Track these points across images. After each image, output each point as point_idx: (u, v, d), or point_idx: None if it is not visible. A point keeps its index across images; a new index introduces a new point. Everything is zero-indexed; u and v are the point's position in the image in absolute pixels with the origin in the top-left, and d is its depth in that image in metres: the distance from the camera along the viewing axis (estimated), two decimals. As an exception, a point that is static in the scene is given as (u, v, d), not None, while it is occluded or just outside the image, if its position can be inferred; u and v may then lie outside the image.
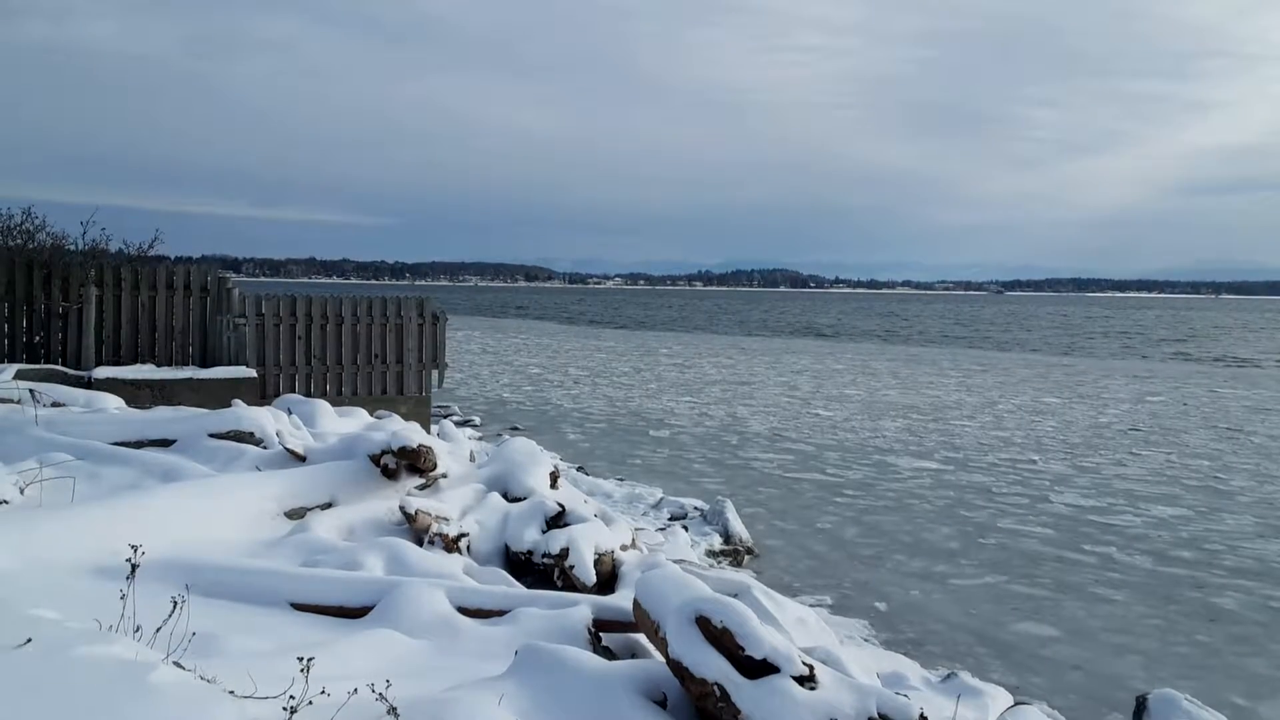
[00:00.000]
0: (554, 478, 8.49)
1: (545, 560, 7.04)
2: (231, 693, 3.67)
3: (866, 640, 8.09)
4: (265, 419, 9.12)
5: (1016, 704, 6.00)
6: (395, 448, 7.76)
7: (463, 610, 5.64)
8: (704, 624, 4.48)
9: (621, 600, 5.94)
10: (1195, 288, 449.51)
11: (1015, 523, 11.96)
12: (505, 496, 7.98)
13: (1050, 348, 50.08)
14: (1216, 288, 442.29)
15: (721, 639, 4.44)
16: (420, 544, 6.94)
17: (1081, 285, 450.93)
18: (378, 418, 11.07)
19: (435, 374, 14.01)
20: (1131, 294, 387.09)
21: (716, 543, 10.53)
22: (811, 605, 8.41)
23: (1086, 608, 8.92)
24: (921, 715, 4.49)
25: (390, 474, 7.79)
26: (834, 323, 78.48)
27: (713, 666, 4.36)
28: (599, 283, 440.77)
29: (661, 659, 4.71)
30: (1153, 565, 10.21)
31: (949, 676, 6.68)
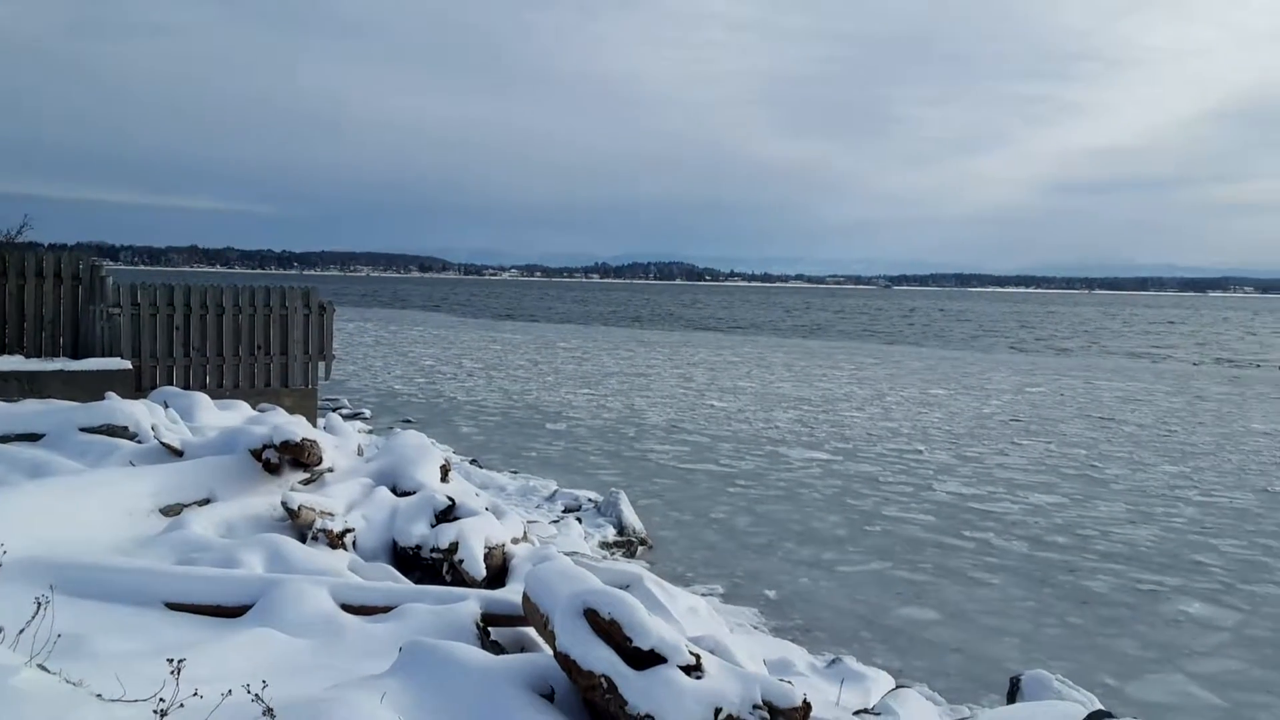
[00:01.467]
0: (445, 471, 8.37)
1: (434, 555, 6.95)
2: (99, 696, 3.52)
3: (756, 628, 8.20)
4: (140, 412, 8.78)
5: (898, 687, 6.16)
6: (278, 442, 7.55)
7: (346, 607, 5.52)
8: (592, 616, 4.47)
9: (511, 594, 5.89)
10: (1070, 283, 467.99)
11: (900, 510, 12.28)
12: (394, 491, 7.84)
13: (936, 341, 51.56)
14: (1090, 283, 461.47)
15: (610, 631, 4.43)
16: (304, 540, 6.77)
17: (964, 280, 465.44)
18: (260, 411, 10.75)
19: (322, 366, 13.68)
20: (1010, 289, 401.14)
21: (610, 534, 10.54)
22: (703, 595, 8.50)
23: (965, 592, 9.21)
24: (804, 701, 4.57)
25: (272, 469, 7.58)
26: (729, 316, 79.38)
27: (600, 658, 4.35)
28: (495, 274, 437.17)
29: (550, 652, 4.68)
30: (1029, 550, 10.59)
31: (834, 661, 6.82)
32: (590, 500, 11.70)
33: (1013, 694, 5.96)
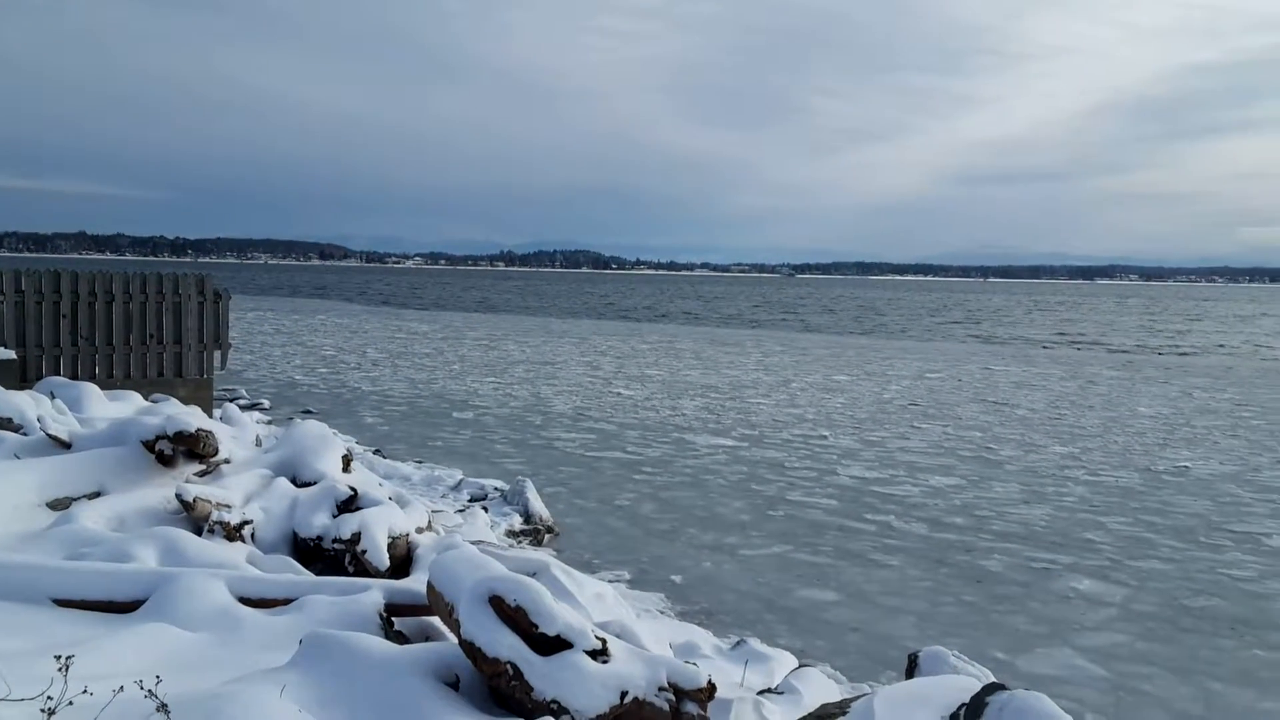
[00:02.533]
0: (346, 461, 8.23)
1: (336, 546, 6.83)
2: (-20, 696, 3.39)
3: (662, 612, 8.26)
4: (25, 404, 8.43)
5: (800, 666, 6.27)
6: (171, 432, 7.34)
7: (245, 600, 5.39)
8: (498, 603, 4.45)
9: (416, 584, 5.83)
10: (966, 271, 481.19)
11: (803, 495, 12.49)
12: (294, 482, 7.69)
13: (841, 328, 52.54)
14: (985, 271, 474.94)
15: (515, 617, 4.42)
16: (199, 533, 6.60)
17: (865, 269, 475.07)
18: (153, 401, 10.42)
19: (218, 355, 13.30)
20: (910, 277, 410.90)
21: (517, 523, 10.50)
22: (610, 581, 8.52)
23: (865, 573, 9.43)
24: (709, 682, 4.63)
25: (166, 461, 7.36)
26: (637, 304, 79.61)
27: (505, 645, 4.34)
28: (398, 262, 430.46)
29: (455, 641, 4.65)
30: (927, 531, 10.88)
31: (738, 644, 6.92)
32: (496, 489, 11.63)
33: (910, 670, 6.11)
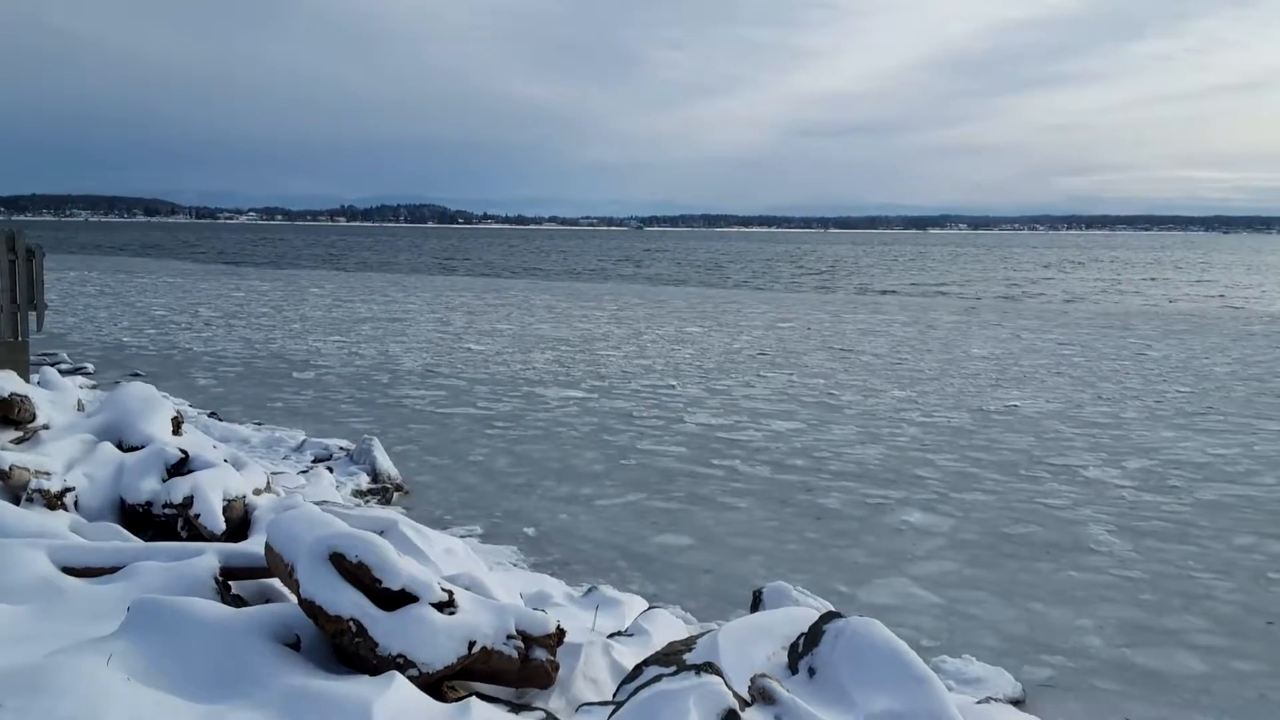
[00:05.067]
0: (177, 424, 7.88)
1: (167, 511, 6.55)
2: None
3: (516, 565, 8.27)
4: None
5: (650, 608, 6.38)
6: (-20, 398, 6.86)
7: (69, 570, 5.13)
8: (338, 560, 4.36)
9: (254, 546, 5.66)
10: (808, 223, 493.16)
11: (653, 443, 12.66)
12: (120, 446, 7.32)
13: (693, 280, 53.19)
14: (825, 222, 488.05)
15: (357, 574, 4.34)
16: (17, 502, 6.22)
17: (712, 221, 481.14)
18: (-38, 367, 9.70)
19: (33, 317, 12.46)
20: (755, 229, 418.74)
21: (364, 482, 10.30)
22: (462, 536, 8.46)
23: (715, 516, 9.65)
24: (558, 628, 4.66)
25: (-24, 428, 6.88)
26: (487, 259, 78.59)
27: (348, 602, 4.26)
28: (231, 218, 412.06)
29: (296, 601, 4.53)
30: (771, 474, 11.20)
31: (590, 590, 6.99)
32: (342, 449, 11.37)
33: (755, 605, 6.31)
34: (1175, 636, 7.01)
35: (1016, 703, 5.84)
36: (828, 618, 4.29)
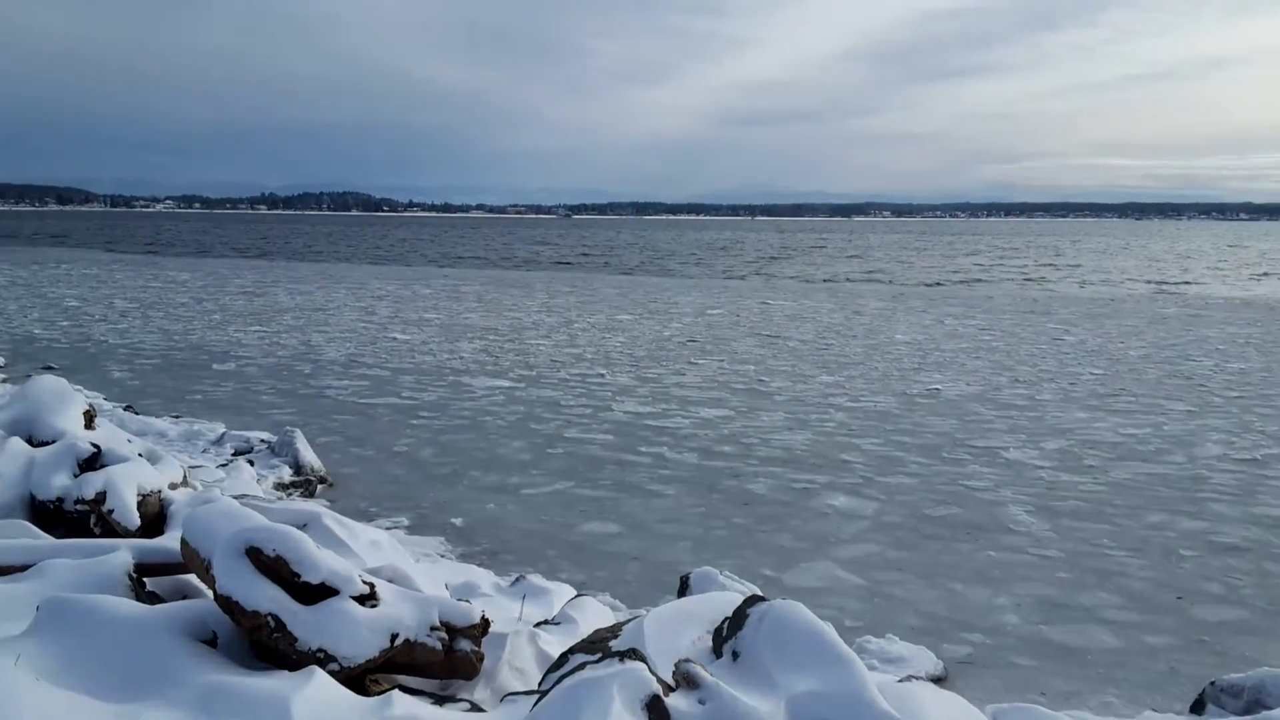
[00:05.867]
0: (89, 418, 7.64)
1: (80, 507, 6.34)
2: None
3: (443, 556, 8.20)
4: None
5: (577, 596, 6.38)
6: (-123, 394, 6.57)
7: (-28, 571, 4.94)
8: (255, 554, 4.28)
9: (169, 541, 5.51)
10: (735, 210, 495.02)
11: (581, 432, 12.64)
12: (30, 441, 7.07)
13: (623, 267, 53.14)
14: (753, 210, 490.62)
15: (275, 568, 4.27)
16: (-83, 502, 5.97)
17: (641, 209, 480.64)
18: None
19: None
20: (684, 216, 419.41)
21: (286, 475, 10.12)
22: (388, 528, 8.38)
23: (642, 503, 9.68)
24: (483, 618, 4.63)
25: (-128, 425, 6.60)
26: (414, 247, 77.57)
27: (266, 597, 4.18)
28: (148, 206, 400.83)
29: (213, 597, 4.43)
30: (699, 461, 11.26)
31: (518, 580, 6.96)
32: (263, 441, 11.15)
33: (682, 590, 6.34)
34: (1090, 613, 7.21)
35: (937, 680, 5.96)
36: (751, 601, 4.32)
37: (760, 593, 5.88)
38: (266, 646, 4.19)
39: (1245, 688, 5.37)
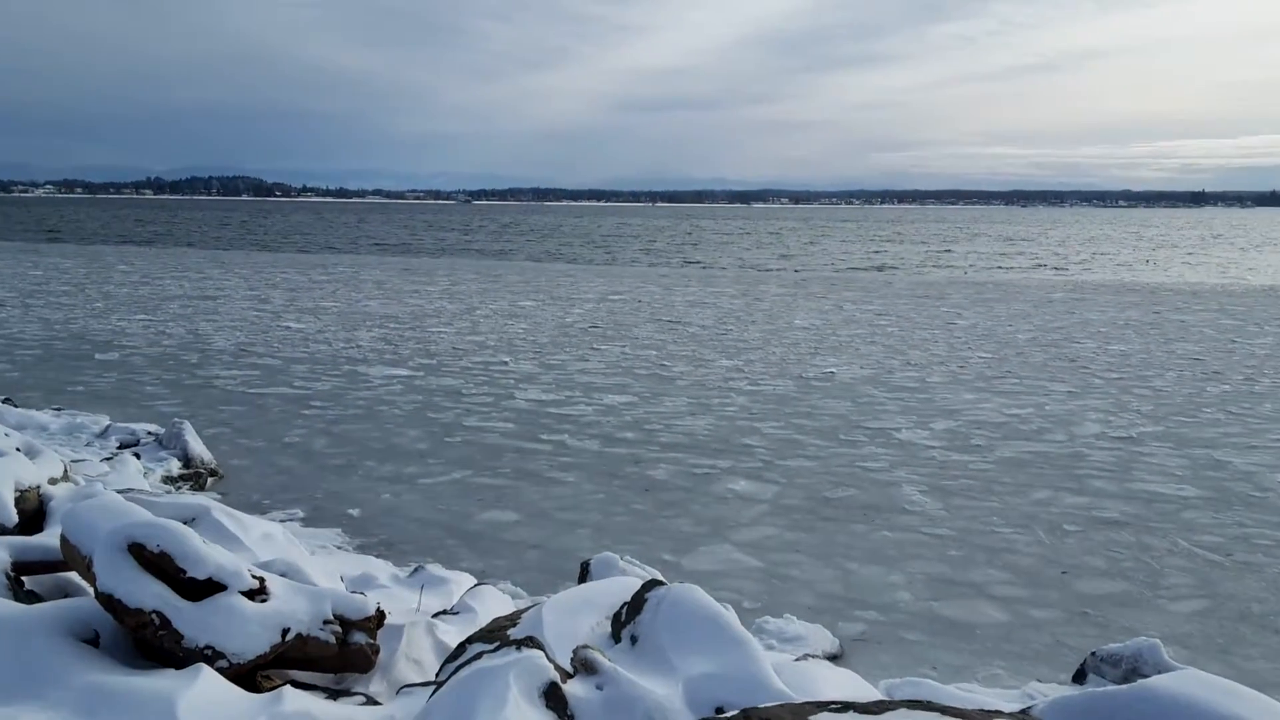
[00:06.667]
0: (-40, 411, 7.28)
1: (-50, 506, 6.04)
2: None
3: (340, 547, 8.06)
4: None
5: (477, 585, 6.33)
6: None
7: None
8: (138, 550, 4.14)
9: (49, 538, 5.30)
10: (636, 196, 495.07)
11: (481, 420, 12.53)
12: (-108, 438, 6.71)
13: (526, 254, 52.80)
14: (653, 196, 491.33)
15: (159, 564, 4.14)
16: None
17: (541, 195, 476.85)
18: None
19: None
20: (584, 202, 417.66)
21: (175, 468, 9.80)
22: (282, 521, 8.18)
23: (543, 491, 9.64)
24: (378, 610, 4.57)
25: None
26: (308, 233, 75.76)
27: (150, 594, 4.06)
28: (25, 191, 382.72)
29: (94, 595, 4.28)
30: (600, 448, 11.27)
31: (416, 570, 6.87)
32: (150, 433, 10.78)
33: (583, 577, 6.35)
34: (979, 588, 7.45)
35: (833, 658, 6.09)
36: (650, 586, 4.35)
37: (660, 577, 5.92)
38: (151, 645, 4.07)
39: (1123, 657, 5.62)
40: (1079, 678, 5.78)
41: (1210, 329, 22.48)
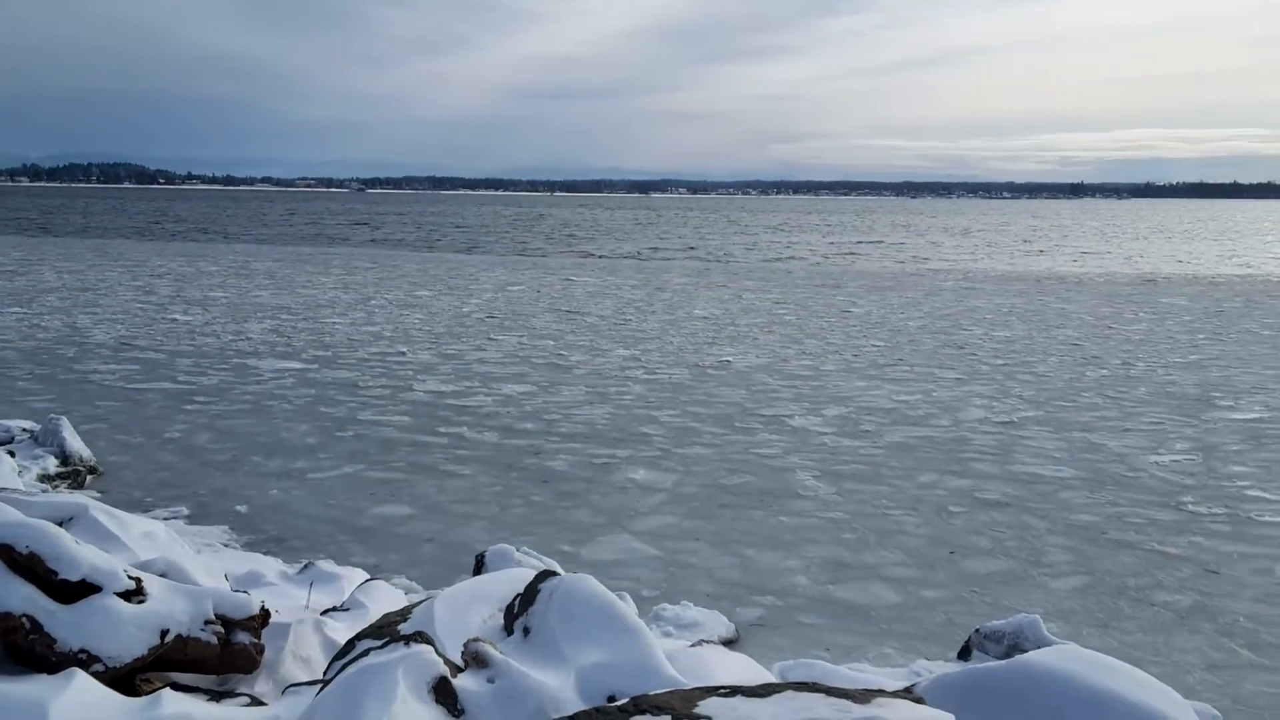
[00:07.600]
0: None
1: None
2: None
3: (227, 545, 7.84)
4: None
5: (368, 580, 6.22)
6: None
7: None
8: (6, 552, 3.97)
9: (-93, 544, 5.02)
10: (535, 186, 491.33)
11: (375, 413, 12.32)
12: None
13: (421, 243, 52.01)
14: (552, 186, 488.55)
15: (29, 565, 3.97)
16: None
17: (438, 183, 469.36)
18: None
19: None
20: (482, 191, 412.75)
21: (52, 465, 9.40)
22: (166, 519, 7.92)
23: (438, 484, 9.52)
24: (262, 608, 4.45)
25: None
26: (198, 222, 73.34)
27: (20, 596, 3.89)
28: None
29: (-43, 602, 4.07)
30: (498, 439, 11.18)
31: (306, 566, 6.73)
32: (25, 430, 10.29)
33: (478, 569, 6.29)
34: (872, 571, 7.62)
35: (729, 643, 6.17)
36: (543, 577, 4.33)
37: (556, 568, 5.91)
38: (22, 649, 3.90)
39: (1005, 633, 5.82)
40: (964, 654, 5.96)
41: (1089, 316, 23.41)
